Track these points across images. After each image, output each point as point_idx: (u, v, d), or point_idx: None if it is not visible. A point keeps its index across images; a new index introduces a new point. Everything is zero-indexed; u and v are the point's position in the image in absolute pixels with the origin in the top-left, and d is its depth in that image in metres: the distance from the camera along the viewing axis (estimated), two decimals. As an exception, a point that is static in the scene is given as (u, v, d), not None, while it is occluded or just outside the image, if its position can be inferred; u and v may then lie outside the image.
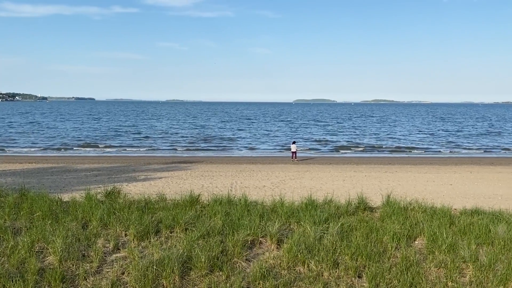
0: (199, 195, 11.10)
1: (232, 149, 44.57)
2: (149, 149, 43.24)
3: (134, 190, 17.07)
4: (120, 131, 63.71)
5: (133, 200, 10.70)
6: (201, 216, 9.47)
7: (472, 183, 20.96)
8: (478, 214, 10.39)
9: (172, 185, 19.24)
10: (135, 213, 9.28)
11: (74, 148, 43.14)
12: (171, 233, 8.62)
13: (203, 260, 7.05)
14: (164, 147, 44.83)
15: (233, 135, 60.54)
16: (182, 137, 56.03)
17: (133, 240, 8.20)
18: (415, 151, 44.24)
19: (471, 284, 6.84)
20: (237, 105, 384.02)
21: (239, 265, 7.31)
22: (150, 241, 8.13)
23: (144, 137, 55.13)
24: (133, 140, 51.97)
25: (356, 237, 8.25)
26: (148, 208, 10.00)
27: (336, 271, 7.10)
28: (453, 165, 29.67)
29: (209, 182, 20.56)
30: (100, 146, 45.34)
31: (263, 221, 8.98)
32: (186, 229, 8.64)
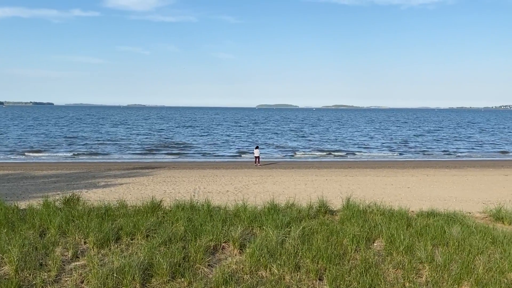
0: (160, 201, 11.00)
1: (195, 154, 44.28)
2: (110, 155, 42.35)
3: (94, 196, 16.71)
4: (79, 137, 62.12)
5: (93, 207, 10.49)
6: (163, 223, 9.39)
7: (429, 186, 21.65)
8: (434, 216, 10.77)
9: (134, 191, 18.95)
10: (94, 220, 9.10)
11: (26, 154, 41.64)
12: (132, 240, 8.51)
13: (164, 267, 7.00)
14: (125, 153, 44.04)
15: (195, 140, 60.17)
16: (143, 142, 55.21)
17: (92, 248, 8.05)
18: (375, 154, 45.31)
19: (427, 284, 7.06)
20: (200, 110, 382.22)
21: (201, 271, 7.29)
22: (110, 249, 8.01)
23: (104, 143, 53.97)
24: (93, 145, 50.76)
25: (317, 240, 8.39)
26: (108, 215, 9.82)
27: (297, 274, 7.19)
28: (410, 169, 30.56)
29: (171, 187, 20.36)
30: (58, 152, 44.04)
31: (226, 226, 9.00)
32: (147, 236, 8.56)
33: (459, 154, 46.42)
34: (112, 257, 7.58)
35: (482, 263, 7.47)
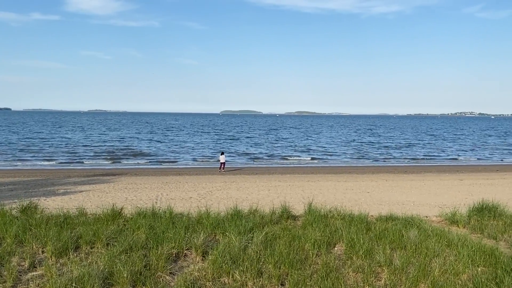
0: (121, 209, 10.83)
1: (157, 160, 43.73)
2: (69, 162, 41.24)
3: (52, 204, 16.25)
4: (36, 143, 60.19)
5: (51, 215, 10.24)
6: (124, 230, 9.26)
7: (388, 190, 22.19)
8: (393, 220, 11.07)
9: (94, 199, 18.53)
10: (53, 228, 8.88)
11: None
12: (91, 248, 8.35)
13: (125, 275, 6.90)
14: (85, 159, 42.99)
15: (157, 146, 59.48)
16: (104, 149, 54.09)
17: (50, 257, 7.85)
18: (337, 160, 46.07)
19: (386, 287, 7.24)
20: (163, 115, 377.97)
21: (163, 279, 7.23)
22: (69, 258, 7.83)
23: (62, 149, 52.53)
24: (53, 152, 49.32)
25: (280, 245, 8.47)
26: (67, 223, 9.61)
27: (260, 280, 7.23)
28: (370, 174, 31.25)
29: (133, 195, 20.03)
30: (15, 158, 42.52)
31: (189, 233, 8.96)
32: (107, 244, 8.41)
33: (417, 159, 47.82)
34: (71, 267, 7.41)
35: (438, 265, 7.70)
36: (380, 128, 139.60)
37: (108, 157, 44.85)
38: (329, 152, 54.85)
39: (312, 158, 47.53)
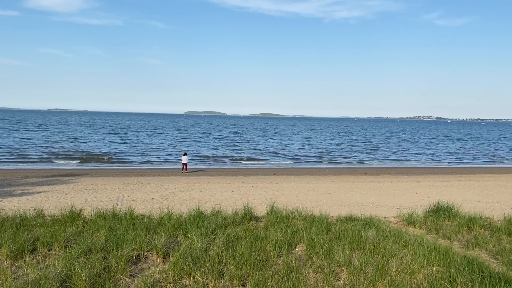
0: (81, 210, 10.62)
1: (119, 161, 42.94)
2: (27, 162, 39.90)
3: (8, 206, 15.73)
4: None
5: (7, 217, 9.92)
6: (83, 232, 9.08)
7: (348, 192, 22.63)
8: (352, 221, 11.30)
9: (52, 200, 18.03)
10: (8, 230, 8.61)
11: None
12: (49, 251, 8.14)
13: (83, 278, 6.76)
14: (43, 159, 41.72)
15: (119, 147, 58.42)
16: (63, 149, 52.64)
17: (5, 260, 7.60)
18: (301, 161, 46.58)
19: (345, 287, 7.36)
20: (126, 115, 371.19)
21: (122, 282, 7.12)
22: (25, 260, 7.61)
23: (20, 149, 50.77)
24: (7, 151, 47.59)
25: (241, 246, 8.50)
26: (23, 225, 9.34)
27: (221, 281, 7.24)
28: (331, 176, 31.76)
29: (93, 196, 19.61)
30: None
31: (150, 235, 8.87)
32: (66, 246, 8.22)
33: (377, 161, 48.96)
34: (27, 269, 7.21)
35: (395, 265, 7.90)
36: (341, 130, 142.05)
37: (67, 158, 43.67)
38: (292, 154, 55.35)
39: (276, 160, 47.87)
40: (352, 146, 71.21)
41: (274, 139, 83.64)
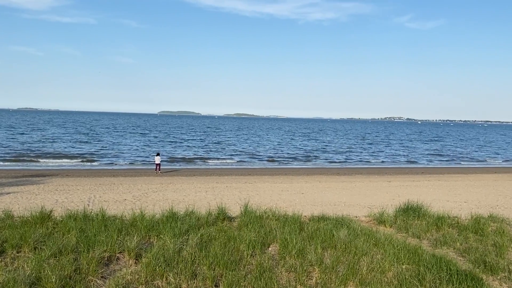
0: (51, 211, 10.42)
1: (90, 160, 42.24)
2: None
3: (-26, 207, 15.28)
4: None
5: (-27, 219, 9.64)
6: (53, 234, 8.92)
7: (321, 191, 22.87)
8: (324, 220, 11.43)
9: (22, 201, 17.61)
10: (-26, 233, 8.37)
11: None
12: (18, 253, 7.97)
13: (53, 280, 6.65)
14: (11, 159, 40.67)
15: (92, 146, 57.45)
16: (33, 148, 51.43)
17: (-29, 263, 7.39)
18: (275, 161, 46.78)
19: (317, 286, 7.43)
20: (98, 115, 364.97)
21: (94, 283, 7.03)
22: (-8, 263, 7.41)
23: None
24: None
25: (215, 247, 8.49)
26: (-9, 227, 9.09)
27: (194, 282, 7.22)
28: (305, 176, 32.03)
29: (64, 196, 19.25)
30: None
31: (122, 236, 8.78)
32: (35, 248, 8.06)
33: (350, 161, 49.62)
34: (-6, 272, 7.03)
35: (366, 264, 8.04)
36: (315, 131, 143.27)
37: (38, 158, 42.69)
38: (266, 154, 55.53)
39: (250, 160, 47.93)
40: (326, 146, 71.93)
41: (248, 140, 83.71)
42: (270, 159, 49.78)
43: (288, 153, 57.22)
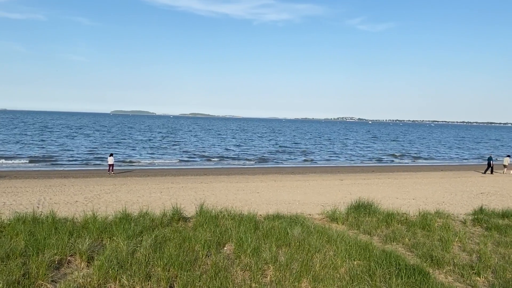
0: (-3, 215, 10.00)
1: (41, 162, 40.73)
2: None
3: None
4: None
5: None
6: (0, 237, 8.58)
7: (276, 190, 23.12)
8: (279, 219, 11.55)
9: (-36, 204, 16.80)
10: None
11: None
12: (-39, 259, 7.60)
13: (1, 285, 6.42)
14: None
15: (40, 147, 55.41)
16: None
17: None
18: (230, 161, 46.80)
19: (271, 284, 7.53)
20: (47, 114, 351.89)
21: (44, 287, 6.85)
22: None
23: None
24: None
25: (169, 247, 8.43)
26: None
27: (148, 284, 7.16)
28: (260, 175, 32.26)
29: (12, 199, 18.50)
30: None
31: (73, 239, 8.56)
32: (-20, 253, 7.72)
33: (305, 161, 50.39)
34: None
35: (319, 260, 8.19)
36: (271, 131, 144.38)
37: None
38: (222, 154, 55.45)
39: (206, 160, 47.73)
40: (281, 146, 72.64)
41: (204, 139, 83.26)
42: (226, 158, 49.76)
43: (244, 153, 57.37)
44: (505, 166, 38.96)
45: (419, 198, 21.70)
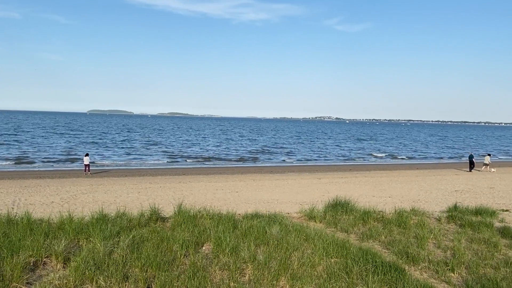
0: (-31, 216, 9.79)
1: (15, 162, 39.90)
2: None
3: None
4: None
5: None
6: (-27, 240, 8.38)
7: (255, 190, 23.18)
8: (258, 218, 11.60)
9: None
10: None
11: None
12: None
13: (-27, 289, 6.30)
14: None
15: (14, 147, 54.30)
16: None
17: None
18: (210, 161, 46.70)
19: (250, 283, 7.55)
20: (21, 114, 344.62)
21: (19, 290, 6.73)
22: None
23: None
24: None
25: (147, 248, 8.38)
26: None
27: (126, 285, 7.10)
28: (239, 174, 32.28)
29: (-16, 200, 18.11)
30: None
31: (49, 240, 8.43)
32: (-48, 256, 7.54)
33: (283, 160, 50.62)
34: None
35: (297, 258, 8.25)
36: (250, 130, 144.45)
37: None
38: (202, 153, 55.26)
39: (185, 159, 47.48)
40: (261, 145, 72.77)
41: (183, 139, 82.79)
42: (205, 158, 49.61)
43: (224, 153, 57.29)
44: (486, 164, 40.08)
45: (395, 196, 22.04)
